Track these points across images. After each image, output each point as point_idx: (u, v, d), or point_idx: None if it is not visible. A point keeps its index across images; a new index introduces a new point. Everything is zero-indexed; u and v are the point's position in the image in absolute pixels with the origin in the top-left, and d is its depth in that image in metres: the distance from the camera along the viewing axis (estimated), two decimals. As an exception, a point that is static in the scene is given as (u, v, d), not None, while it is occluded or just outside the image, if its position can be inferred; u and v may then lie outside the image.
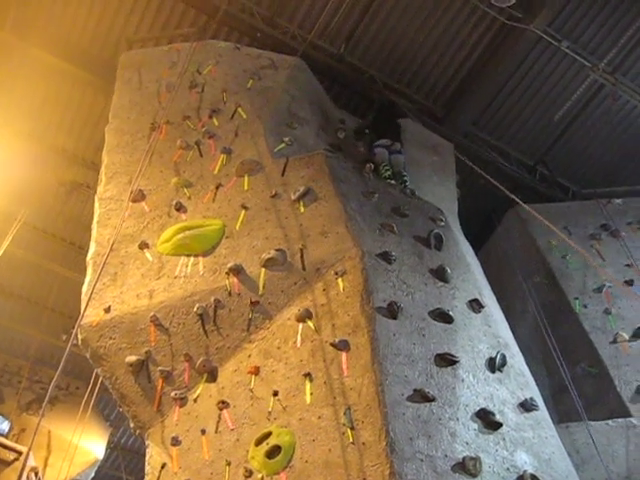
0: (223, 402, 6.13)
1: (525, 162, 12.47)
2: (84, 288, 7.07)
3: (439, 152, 10.41)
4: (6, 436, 13.98)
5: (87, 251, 7.48)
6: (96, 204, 7.86)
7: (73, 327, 6.00)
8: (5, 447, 10.06)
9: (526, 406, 6.38)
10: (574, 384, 9.22)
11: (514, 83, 11.60)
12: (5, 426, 14.97)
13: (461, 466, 5.35)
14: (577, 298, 10.27)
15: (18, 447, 10.43)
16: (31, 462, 10.44)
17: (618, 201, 11.98)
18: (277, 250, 6.69)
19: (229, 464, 5.71)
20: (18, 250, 13.60)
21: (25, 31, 10.89)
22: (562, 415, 8.94)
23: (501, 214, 12.11)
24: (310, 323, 6.19)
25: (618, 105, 11.82)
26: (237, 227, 7.17)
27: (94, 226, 7.63)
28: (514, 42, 10.80)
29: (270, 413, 5.81)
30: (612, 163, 12.69)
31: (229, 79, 9.22)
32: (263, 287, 6.56)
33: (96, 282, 6.36)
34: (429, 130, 10.81)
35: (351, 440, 5.29)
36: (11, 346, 16.50)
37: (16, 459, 9.88)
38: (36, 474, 10.20)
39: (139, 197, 7.67)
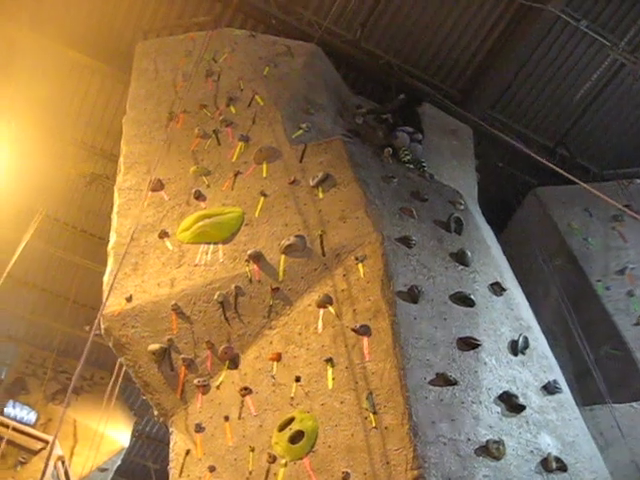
0: (246, 388, 6.18)
1: (545, 144, 12.34)
2: (105, 278, 7.13)
3: (458, 136, 10.37)
4: (33, 426, 14.16)
5: (108, 242, 7.52)
6: (115, 194, 7.91)
7: (96, 318, 6.05)
8: (32, 436, 10.20)
9: (549, 389, 6.37)
10: (598, 367, 9.17)
11: (532, 64, 11.43)
12: (32, 416, 15.17)
13: (484, 449, 5.37)
14: (599, 280, 10.19)
15: (44, 436, 10.57)
16: (58, 451, 10.57)
17: (640, 181, 11.85)
18: (297, 236, 6.69)
19: (253, 450, 5.77)
20: (40, 243, 13.74)
21: (42, 26, 10.95)
22: (586, 398, 8.89)
23: (521, 197, 12.02)
24: (331, 309, 6.20)
25: (639, 84, 11.63)
26: (256, 214, 7.18)
27: (114, 216, 7.67)
28: (532, 23, 10.61)
29: (292, 399, 5.85)
30: (633, 143, 12.50)
31: (245, 67, 9.20)
32: (283, 273, 6.58)
33: (117, 272, 6.39)
34: (447, 114, 10.74)
35: (374, 424, 5.31)
36: (35, 338, 16.71)
37: (43, 448, 10.01)
38: (63, 463, 10.33)
39: (158, 186, 7.71)
